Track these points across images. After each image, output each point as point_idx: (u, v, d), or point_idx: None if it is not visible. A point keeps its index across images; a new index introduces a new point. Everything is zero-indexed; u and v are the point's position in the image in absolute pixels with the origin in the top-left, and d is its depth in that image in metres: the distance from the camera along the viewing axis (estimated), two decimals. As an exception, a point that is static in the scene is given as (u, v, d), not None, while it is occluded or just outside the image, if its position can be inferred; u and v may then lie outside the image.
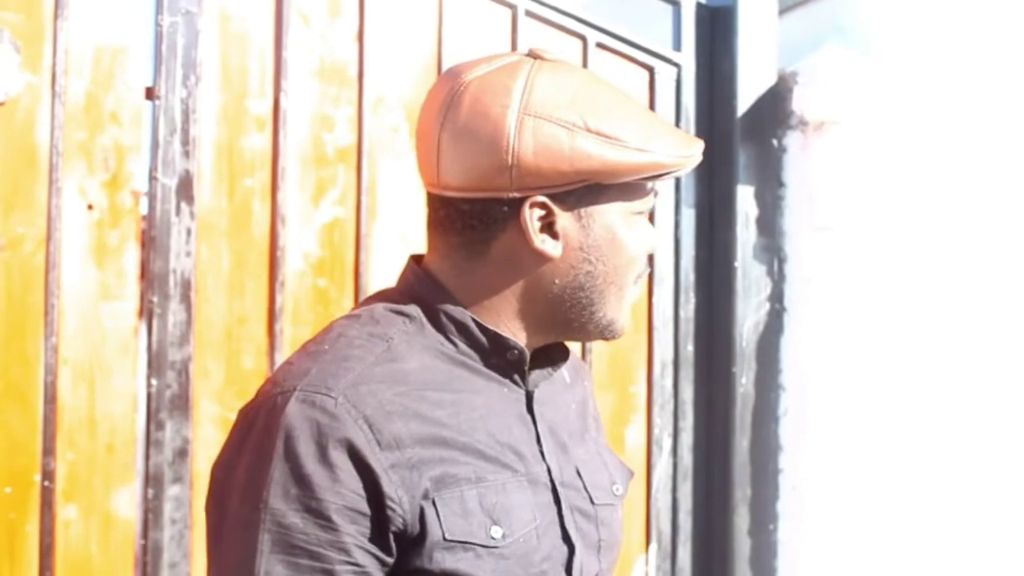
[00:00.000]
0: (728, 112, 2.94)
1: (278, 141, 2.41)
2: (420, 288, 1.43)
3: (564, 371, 1.54)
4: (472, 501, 1.35)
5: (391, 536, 1.31)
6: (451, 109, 1.37)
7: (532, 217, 1.37)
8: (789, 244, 2.98)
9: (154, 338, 2.29)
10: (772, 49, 3.01)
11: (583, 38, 2.87)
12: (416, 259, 1.47)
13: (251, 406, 1.36)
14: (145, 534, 2.29)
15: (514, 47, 2.76)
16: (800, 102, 2.94)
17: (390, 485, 1.30)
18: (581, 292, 1.41)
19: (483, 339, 1.40)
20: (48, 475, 2.20)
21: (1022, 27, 3.08)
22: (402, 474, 1.31)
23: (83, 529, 2.25)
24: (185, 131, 2.31)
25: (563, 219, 1.38)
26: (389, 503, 1.30)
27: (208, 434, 2.35)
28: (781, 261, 2.99)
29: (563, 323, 1.43)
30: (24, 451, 2.19)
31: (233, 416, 2.37)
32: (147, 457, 2.30)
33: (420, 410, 1.34)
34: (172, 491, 2.30)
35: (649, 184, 1.42)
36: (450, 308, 1.40)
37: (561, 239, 1.39)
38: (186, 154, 2.32)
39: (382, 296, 1.45)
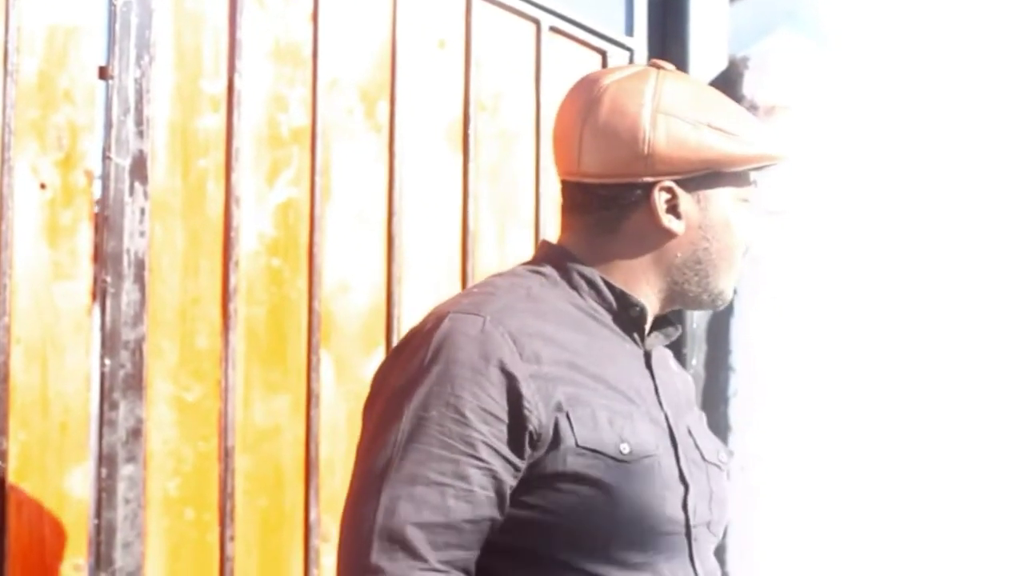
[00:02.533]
0: (680, 96, 2.96)
1: (232, 122, 2.41)
2: (554, 256, 1.66)
3: (671, 359, 1.76)
4: (602, 419, 1.53)
5: (525, 439, 1.49)
6: (593, 108, 1.62)
7: (661, 199, 1.61)
8: (740, 227, 3.01)
9: (108, 318, 2.29)
10: (723, 34, 3.05)
11: (536, 21, 2.89)
12: (544, 241, 1.73)
13: (409, 334, 1.58)
14: (99, 514, 2.29)
15: (468, 31, 2.78)
16: (751, 87, 2.98)
17: (528, 390, 1.49)
18: (699, 265, 1.64)
19: (610, 296, 1.62)
20: (0, 455, 2.19)
21: (972, 12, 3.13)
22: (539, 384, 1.50)
23: (36, 509, 2.24)
24: (139, 111, 2.31)
25: (685, 202, 1.62)
26: (526, 405, 1.48)
27: (162, 414, 2.35)
28: (732, 244, 3.03)
29: (681, 292, 1.65)
30: (-24, 431, 2.18)
31: (187, 396, 2.38)
32: (100, 437, 2.29)
33: (557, 338, 1.55)
34: (126, 471, 2.30)
35: (752, 175, 1.66)
36: (581, 267, 1.63)
37: (683, 219, 1.63)
38: (140, 134, 2.31)
39: (519, 265, 1.69)
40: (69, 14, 2.26)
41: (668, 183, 1.61)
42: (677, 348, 2.98)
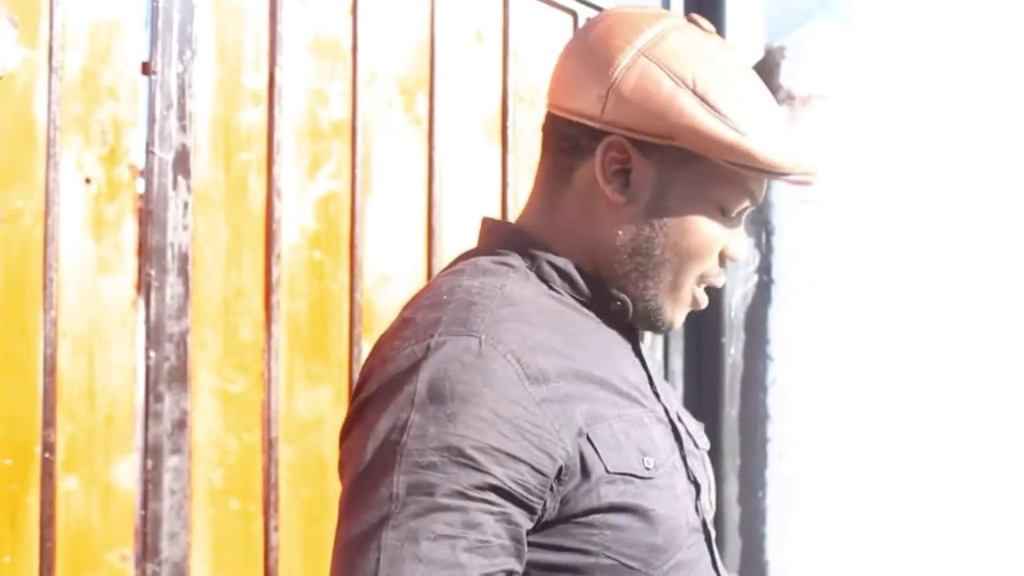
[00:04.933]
0: (716, 86, 2.97)
1: (273, 115, 2.43)
2: (513, 240, 1.41)
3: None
4: (621, 434, 1.32)
5: (550, 476, 1.27)
6: (587, 30, 1.39)
7: (606, 156, 1.35)
8: (776, 217, 3.02)
9: (152, 311, 2.31)
10: (759, 24, 3.05)
11: (573, 13, 2.90)
12: (491, 220, 1.47)
13: (379, 366, 1.31)
14: (145, 504, 2.32)
15: (506, 23, 2.79)
16: (787, 77, 2.98)
17: (545, 419, 1.26)
18: (639, 257, 1.36)
19: (586, 288, 1.39)
20: (48, 447, 2.22)
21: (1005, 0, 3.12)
22: (556, 409, 1.28)
23: (83, 500, 2.27)
24: (181, 106, 2.33)
25: (641, 172, 1.35)
26: (547, 436, 1.26)
27: (206, 405, 2.37)
28: (769, 233, 3.03)
29: (620, 287, 1.39)
30: (24, 423, 2.21)
31: (231, 388, 2.41)
32: (146, 429, 2.32)
33: (554, 346, 1.31)
34: (171, 462, 2.32)
35: (749, 187, 1.37)
36: (552, 258, 1.38)
37: (631, 191, 1.36)
38: (183, 128, 2.33)
39: (474, 254, 1.43)
40: (111, 10, 2.28)
41: (620, 139, 1.34)
42: (716, 337, 2.99)
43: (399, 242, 2.61)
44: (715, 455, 2.98)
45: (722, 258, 1.40)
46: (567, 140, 1.37)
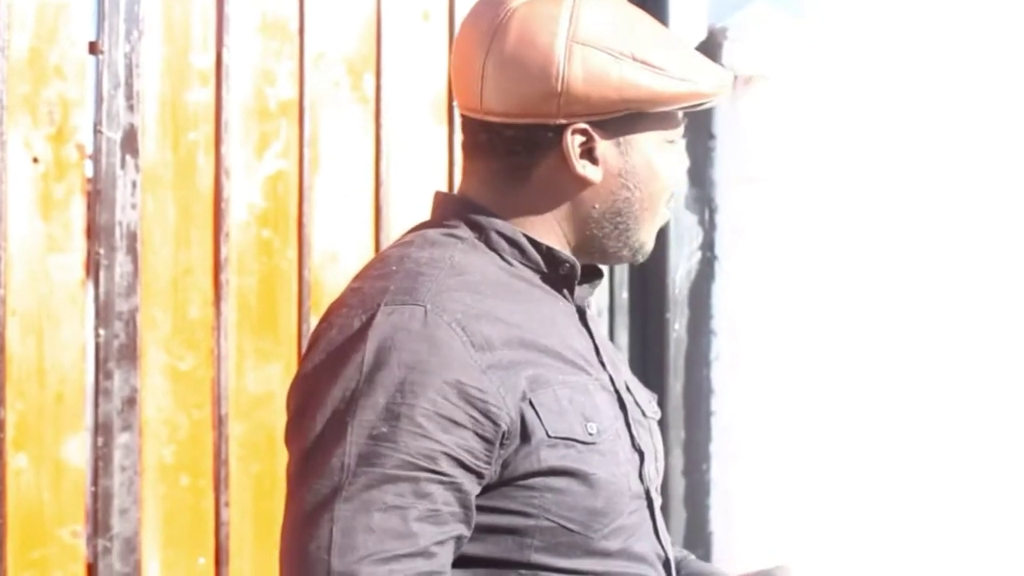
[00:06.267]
0: (660, 66, 3.00)
1: (221, 95, 2.45)
2: (462, 211, 1.43)
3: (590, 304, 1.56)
4: (564, 400, 1.35)
5: (495, 442, 1.30)
6: (497, 36, 1.39)
7: (574, 143, 1.39)
8: (720, 195, 3.07)
9: (101, 289, 2.33)
10: (703, 4, 3.09)
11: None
12: (443, 194, 1.49)
13: (326, 332, 1.34)
14: (95, 481, 2.34)
15: (451, 3, 2.81)
16: (730, 57, 3.02)
17: (491, 384, 1.30)
18: (619, 217, 1.43)
19: (536, 255, 1.42)
20: (-1, 424, 2.24)
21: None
22: (500, 375, 1.31)
23: (34, 477, 2.29)
24: (129, 85, 2.34)
25: (603, 146, 1.40)
26: (491, 402, 1.30)
27: (156, 382, 2.39)
28: (712, 211, 3.08)
29: (600, 247, 1.45)
30: (-26, 401, 2.22)
31: (180, 365, 2.43)
32: (96, 406, 2.34)
33: (499, 315, 1.35)
34: (121, 439, 2.34)
35: (681, 113, 1.44)
36: (501, 226, 1.41)
37: (601, 165, 1.41)
38: (130, 108, 2.35)
39: (424, 226, 1.45)
40: (59, -10, 2.29)
41: (582, 125, 1.39)
42: (660, 312, 3.04)
43: (347, 220, 2.64)
44: (661, 428, 3.02)
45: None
46: (521, 143, 1.40)
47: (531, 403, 1.32)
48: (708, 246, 3.08)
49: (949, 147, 3.21)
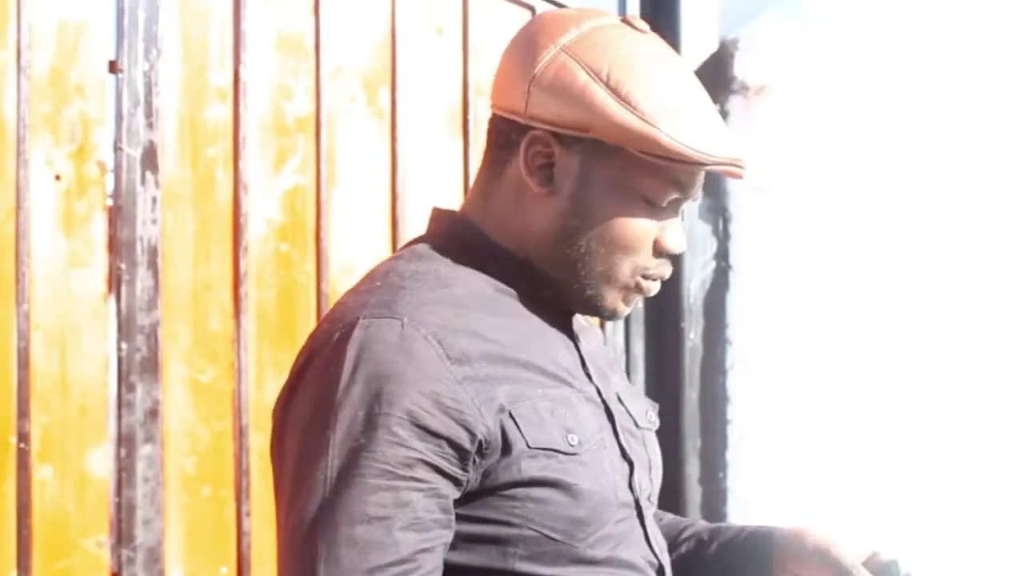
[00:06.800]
0: (673, 78, 3.03)
1: (239, 111, 2.49)
2: (454, 228, 1.46)
3: (579, 317, 1.54)
4: (545, 412, 1.36)
5: (471, 451, 1.31)
6: (521, 31, 1.43)
7: (530, 150, 1.39)
8: (733, 204, 3.09)
9: (123, 304, 2.36)
10: (714, 16, 3.11)
11: (531, 8, 2.96)
12: (438, 209, 1.52)
13: (310, 346, 1.37)
14: (119, 492, 2.36)
15: (465, 18, 2.84)
16: (741, 68, 3.04)
17: (466, 395, 1.31)
18: (565, 248, 1.40)
19: (520, 280, 1.42)
20: (23, 437, 2.26)
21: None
22: (476, 387, 1.32)
23: (58, 489, 2.32)
24: (148, 103, 2.38)
25: (563, 164, 1.38)
26: (466, 412, 1.31)
27: (178, 395, 2.42)
28: (726, 221, 3.10)
29: (562, 281, 1.42)
30: (-1, 415, 2.25)
31: (201, 378, 2.46)
32: (119, 418, 2.36)
33: (479, 330, 1.35)
34: (144, 450, 2.37)
35: (676, 178, 1.38)
36: (489, 244, 1.43)
37: (555, 183, 1.39)
38: (150, 125, 2.38)
39: (416, 241, 1.49)
40: (78, 10, 2.33)
41: (544, 133, 1.38)
42: (676, 322, 3.06)
43: (363, 233, 2.67)
44: (676, 437, 3.05)
45: (658, 250, 1.42)
46: (501, 135, 1.42)
47: (510, 415, 1.33)
48: (722, 255, 3.10)
49: (959, 156, 3.22)
